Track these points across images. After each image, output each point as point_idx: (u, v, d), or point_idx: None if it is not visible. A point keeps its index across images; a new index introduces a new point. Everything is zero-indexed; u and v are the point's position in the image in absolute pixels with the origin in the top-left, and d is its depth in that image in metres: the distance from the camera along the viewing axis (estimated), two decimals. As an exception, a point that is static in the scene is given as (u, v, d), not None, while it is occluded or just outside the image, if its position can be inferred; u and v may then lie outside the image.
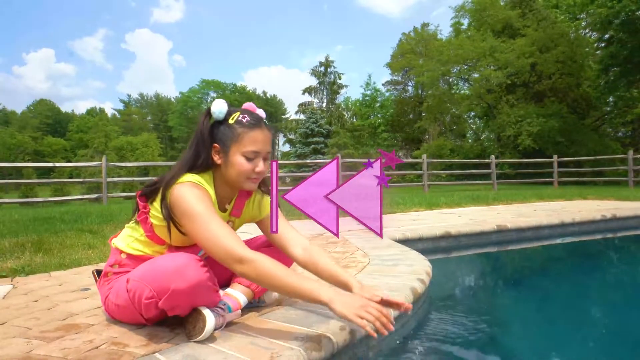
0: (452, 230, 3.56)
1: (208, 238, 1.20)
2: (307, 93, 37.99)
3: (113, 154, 32.86)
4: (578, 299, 2.33)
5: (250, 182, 1.33)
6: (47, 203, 9.59)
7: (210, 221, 1.20)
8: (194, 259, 1.18)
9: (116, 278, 1.36)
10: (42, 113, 59.76)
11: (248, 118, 1.30)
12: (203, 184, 1.29)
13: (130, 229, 1.40)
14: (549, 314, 2.02)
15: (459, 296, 2.40)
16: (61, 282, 2.00)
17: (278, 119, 66.45)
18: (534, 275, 2.97)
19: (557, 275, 2.98)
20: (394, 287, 1.71)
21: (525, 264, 3.37)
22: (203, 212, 1.21)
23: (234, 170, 1.29)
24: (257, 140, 1.29)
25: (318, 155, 26.49)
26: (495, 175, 14.11)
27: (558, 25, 21.07)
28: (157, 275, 1.15)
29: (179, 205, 1.23)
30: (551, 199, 7.36)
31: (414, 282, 1.78)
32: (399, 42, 34.77)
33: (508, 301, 2.31)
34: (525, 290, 2.53)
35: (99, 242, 3.06)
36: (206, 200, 1.25)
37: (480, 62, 22.26)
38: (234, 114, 1.30)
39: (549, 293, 2.47)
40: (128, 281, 1.22)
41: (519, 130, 19.22)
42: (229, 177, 1.32)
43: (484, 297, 2.39)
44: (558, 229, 4.10)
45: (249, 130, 1.29)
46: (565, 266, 3.32)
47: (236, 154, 1.28)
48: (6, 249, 2.73)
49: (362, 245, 2.83)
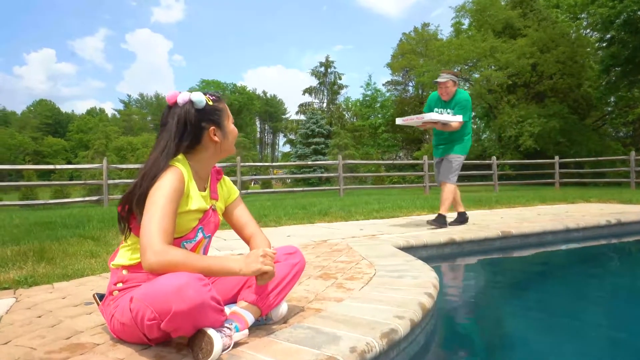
0: (456, 236, 3.54)
1: (144, 222, 1.24)
2: (307, 93, 38.01)
3: (113, 155, 32.87)
4: (591, 310, 2.31)
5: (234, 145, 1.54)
6: (47, 205, 9.58)
7: (157, 209, 1.25)
8: (195, 278, 1.15)
9: (121, 296, 1.34)
10: (42, 113, 59.81)
11: (215, 96, 1.47)
12: (181, 167, 1.36)
13: (126, 246, 1.40)
14: (560, 326, 1.99)
15: (467, 308, 2.38)
16: (65, 295, 1.98)
17: (278, 119, 66.46)
18: (541, 283, 2.94)
19: (566, 284, 2.93)
20: (401, 302, 1.69)
21: (532, 272, 3.33)
22: (160, 196, 1.27)
23: (232, 137, 1.49)
24: (227, 108, 1.51)
25: (319, 156, 26.49)
26: (497, 176, 14.11)
27: (559, 26, 21.05)
28: (158, 295, 1.13)
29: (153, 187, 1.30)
30: (553, 202, 7.34)
31: (421, 296, 1.76)
32: (400, 42, 34.73)
33: (518, 312, 2.28)
34: (534, 300, 2.51)
35: (102, 250, 3.05)
36: (176, 186, 1.31)
37: (480, 62, 22.23)
38: (205, 96, 1.44)
39: (560, 303, 2.43)
40: (131, 300, 1.21)
41: (520, 130, 19.19)
42: (225, 148, 1.47)
43: (492, 309, 2.36)
44: (562, 234, 4.08)
45: (223, 103, 1.49)
46: (574, 274, 3.29)
47: (229, 124, 1.48)
48: (8, 258, 2.72)
49: (366, 254, 2.81)
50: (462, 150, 4.33)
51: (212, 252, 3.12)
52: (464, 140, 4.33)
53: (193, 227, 1.41)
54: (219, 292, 1.46)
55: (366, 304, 1.69)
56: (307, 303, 1.75)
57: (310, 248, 3.20)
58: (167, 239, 1.23)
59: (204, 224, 1.45)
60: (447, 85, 4.24)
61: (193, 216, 1.41)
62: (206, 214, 1.46)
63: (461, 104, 4.20)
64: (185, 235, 1.39)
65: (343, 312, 1.58)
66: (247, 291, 1.43)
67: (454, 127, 4.17)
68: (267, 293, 1.42)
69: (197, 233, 1.42)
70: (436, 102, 4.40)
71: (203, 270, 1.23)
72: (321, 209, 6.25)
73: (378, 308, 1.62)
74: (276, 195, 12.76)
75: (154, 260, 1.18)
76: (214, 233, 1.54)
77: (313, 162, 12.86)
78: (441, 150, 4.45)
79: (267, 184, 18.48)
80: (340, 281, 2.12)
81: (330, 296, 1.84)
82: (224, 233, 3.99)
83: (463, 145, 4.33)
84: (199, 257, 1.28)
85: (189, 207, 1.37)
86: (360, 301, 1.73)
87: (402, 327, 1.42)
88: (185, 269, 1.19)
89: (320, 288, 1.99)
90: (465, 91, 4.41)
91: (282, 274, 1.46)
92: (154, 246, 1.19)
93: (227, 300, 1.49)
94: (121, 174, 12.34)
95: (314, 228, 4.55)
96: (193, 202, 1.39)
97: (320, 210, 5.97)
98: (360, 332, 1.35)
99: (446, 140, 4.37)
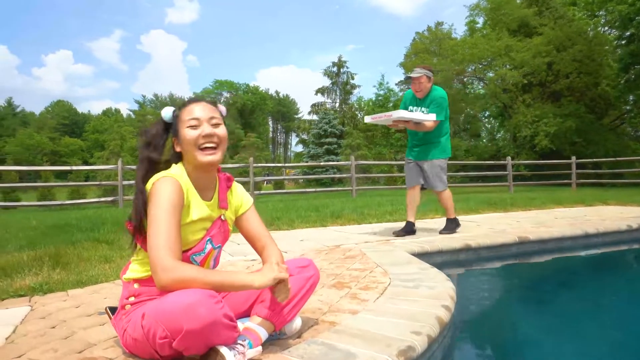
0: (472, 242, 3.47)
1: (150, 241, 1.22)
2: (320, 93, 37.94)
3: (128, 156, 33.25)
4: (619, 323, 2.23)
5: (204, 153, 1.35)
6: (64, 206, 9.72)
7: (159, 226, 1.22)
8: (207, 295, 1.13)
9: (134, 310, 1.33)
10: (59, 114, 60.88)
11: (182, 105, 1.40)
12: (176, 176, 1.33)
13: (137, 259, 1.39)
14: (585, 339, 1.93)
15: (485, 320, 2.32)
16: (78, 304, 1.99)
17: (291, 119, 66.56)
18: (563, 293, 2.85)
19: (589, 293, 2.83)
20: (418, 315, 1.65)
21: (552, 280, 3.24)
22: (160, 212, 1.24)
23: (186, 144, 1.35)
24: (193, 110, 1.37)
25: (331, 156, 26.44)
26: (512, 177, 13.90)
27: (576, 23, 20.63)
28: (169, 314, 1.11)
29: (151, 200, 1.28)
30: (571, 204, 7.19)
31: (438, 309, 1.71)
32: (413, 42, 34.39)
33: (539, 325, 2.21)
34: (556, 311, 2.43)
35: (115, 255, 3.06)
36: (173, 199, 1.27)
37: (495, 61, 21.92)
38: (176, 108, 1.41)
39: (584, 314, 2.35)
40: (143, 316, 1.19)
41: (536, 130, 18.87)
42: (189, 158, 1.37)
43: (511, 321, 2.30)
44: (581, 240, 3.98)
45: (184, 107, 1.39)
46: (596, 282, 3.18)
47: (183, 130, 1.36)
48: (25, 263, 2.74)
49: (380, 261, 2.77)
50: (443, 153, 3.99)
51: (224, 256, 3.11)
52: (440, 142, 3.97)
53: (200, 238, 1.39)
54: (231, 306, 1.44)
55: (381, 317, 1.65)
56: (321, 315, 1.72)
57: (323, 254, 3.17)
58: (175, 255, 1.21)
59: (213, 235, 1.42)
60: (420, 80, 3.89)
61: (198, 226, 1.38)
62: (214, 224, 1.43)
63: (437, 102, 3.85)
64: (193, 248, 1.37)
65: (358, 326, 1.55)
66: (260, 306, 1.41)
67: (428, 127, 3.83)
68: (281, 308, 1.40)
69: (205, 245, 1.40)
70: (411, 100, 4.06)
71: (216, 284, 1.21)
72: (334, 210, 6.21)
73: (394, 322, 1.58)
74: (289, 195, 12.75)
75: (166, 279, 1.16)
76: (225, 243, 1.52)
77: (326, 163, 12.84)
78: (416, 152, 4.06)
79: (280, 184, 18.51)
80: (355, 291, 2.08)
81: (345, 308, 1.81)
82: (238, 237, 3.98)
83: (442, 148, 3.99)
84: (211, 272, 1.26)
85: (190, 218, 1.35)
86: (375, 314, 1.70)
87: (420, 344, 1.38)
88: (198, 285, 1.17)
89: (334, 298, 1.96)
90: (441, 88, 4.07)
91: (296, 288, 1.43)
92: (163, 264, 1.17)
93: (239, 314, 1.47)
94: (136, 175, 12.44)
95: (327, 232, 4.52)
96: (194, 212, 1.36)
97: (332, 213, 5.93)
98: (376, 349, 1.31)
99: (421, 141, 4.01)
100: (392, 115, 3.73)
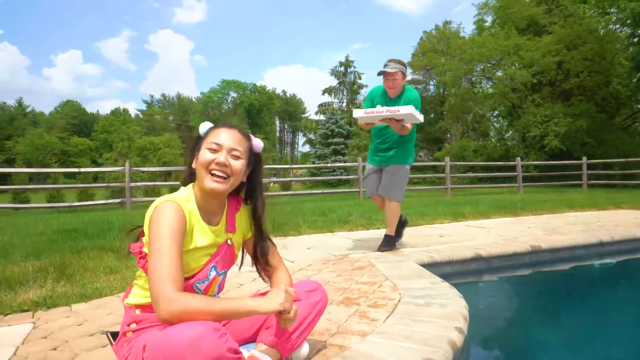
0: (483, 252, 3.40)
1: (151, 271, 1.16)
2: (327, 93, 37.88)
3: (135, 156, 33.48)
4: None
5: (212, 179, 1.30)
6: (72, 207, 9.77)
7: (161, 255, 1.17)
8: (210, 329, 1.07)
9: (135, 337, 1.28)
10: (68, 114, 61.38)
11: (219, 122, 1.39)
12: (180, 200, 1.28)
13: (138, 284, 1.34)
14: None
15: (499, 338, 2.24)
16: (81, 321, 1.95)
17: (297, 118, 66.57)
18: (583, 306, 2.76)
19: (610, 306, 2.75)
20: (430, 339, 1.58)
21: (570, 292, 3.14)
22: (162, 240, 1.19)
23: (199, 165, 1.32)
24: (220, 134, 1.33)
25: (338, 156, 26.38)
26: (521, 178, 13.74)
27: (586, 21, 20.34)
28: (172, 349, 1.05)
29: (152, 225, 1.23)
30: (582, 208, 7.07)
31: (451, 332, 1.65)
32: (420, 41, 34.31)
33: (560, 344, 2.13)
34: (575, 326, 2.36)
35: (121, 265, 3.02)
36: (175, 226, 1.22)
37: (504, 60, 21.71)
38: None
39: (610, 332, 2.27)
40: (144, 349, 1.14)
41: (546, 130, 18.65)
42: (199, 179, 1.33)
43: (529, 340, 2.22)
44: (595, 248, 3.88)
45: (214, 128, 1.36)
46: (617, 294, 3.09)
47: (202, 150, 1.33)
48: (29, 274, 2.71)
49: (389, 273, 2.71)
50: (409, 158, 3.58)
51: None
52: (407, 147, 3.55)
53: (204, 264, 1.33)
54: (236, 332, 1.40)
55: (392, 340, 1.59)
56: (330, 337, 1.67)
57: (330, 264, 3.12)
58: (177, 285, 1.15)
59: (217, 261, 1.36)
60: (395, 77, 3.38)
61: (202, 252, 1.33)
62: (219, 249, 1.38)
63: (414, 104, 3.29)
64: (196, 275, 1.31)
65: (368, 352, 1.49)
66: (266, 332, 1.35)
67: (408, 130, 3.33)
68: (288, 335, 1.34)
69: (209, 271, 1.34)
70: (382, 98, 3.51)
71: (221, 313, 1.16)
72: (341, 215, 6.15)
73: (405, 347, 1.52)
74: (295, 197, 12.71)
75: (167, 312, 1.11)
76: (230, 268, 1.46)
77: (333, 164, 12.77)
78: (380, 158, 3.59)
79: (287, 185, 18.48)
80: (364, 309, 2.02)
81: (354, 329, 1.75)
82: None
83: (408, 153, 3.57)
84: (215, 301, 1.20)
85: (193, 245, 1.30)
86: (385, 337, 1.64)
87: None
88: (202, 316, 1.12)
89: (342, 317, 1.90)
90: (414, 89, 3.64)
91: (304, 314, 1.38)
92: (165, 296, 1.12)
93: (244, 340, 1.42)
94: (143, 176, 12.51)
95: (335, 238, 4.46)
96: (198, 239, 1.31)
97: (340, 218, 5.87)
98: (387, 381, 1.25)
99: (390, 147, 3.53)
100: (400, 110, 3.08)
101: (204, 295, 1.33)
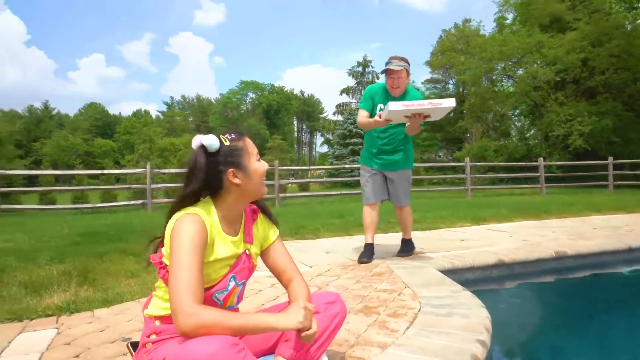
0: (506, 257, 3.32)
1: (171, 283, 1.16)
2: (344, 94, 37.81)
3: (157, 158, 34.03)
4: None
5: (264, 185, 1.39)
6: (95, 209, 10.01)
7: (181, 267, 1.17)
8: (228, 345, 1.07)
9: (154, 349, 1.29)
10: (92, 116, 62.98)
11: (234, 134, 1.35)
12: (201, 213, 1.28)
13: (158, 295, 1.35)
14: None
15: (522, 348, 2.19)
16: (103, 327, 1.98)
17: (315, 119, 66.66)
18: (609, 316, 2.67)
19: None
20: (451, 353, 1.55)
21: (595, 300, 3.04)
22: (183, 253, 1.19)
23: (256, 177, 1.34)
24: (251, 144, 1.37)
25: (356, 156, 26.26)
26: (544, 179, 13.42)
27: (613, 17, 19.71)
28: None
29: (173, 239, 1.22)
30: (609, 211, 6.85)
31: (473, 345, 1.61)
32: (439, 39, 33.90)
33: (585, 356, 2.07)
34: (603, 338, 2.28)
35: (142, 270, 3.07)
36: (196, 238, 1.22)
37: (526, 58, 21.24)
38: (222, 137, 1.33)
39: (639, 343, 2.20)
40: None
41: (569, 129, 18.17)
42: (250, 190, 1.34)
43: (552, 351, 2.16)
44: (624, 254, 3.75)
45: (244, 139, 1.36)
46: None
47: (252, 163, 1.33)
48: (54, 278, 2.78)
49: (409, 281, 2.67)
50: (411, 162, 3.52)
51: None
52: (410, 150, 3.47)
53: (223, 275, 1.34)
54: (254, 344, 1.39)
55: (412, 354, 1.56)
56: (348, 348, 1.65)
57: (349, 269, 3.09)
58: (197, 298, 1.15)
59: (237, 271, 1.37)
60: (400, 75, 3.20)
61: (222, 264, 1.33)
62: (238, 260, 1.38)
63: None
64: (216, 285, 1.32)
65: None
66: (284, 345, 1.34)
67: (419, 130, 3.20)
68: (307, 348, 1.33)
69: (229, 282, 1.34)
70: (382, 97, 3.31)
71: (240, 328, 1.15)
72: (359, 218, 6.09)
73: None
74: (314, 198, 12.71)
75: (187, 325, 1.11)
76: (249, 278, 1.46)
77: (351, 165, 12.72)
78: (383, 162, 3.41)
79: (305, 186, 18.51)
80: (383, 318, 2.00)
81: (373, 340, 1.72)
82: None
83: (411, 157, 3.50)
84: (234, 316, 1.19)
85: (214, 257, 1.30)
86: (405, 349, 1.61)
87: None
88: (220, 330, 1.12)
89: (361, 327, 1.88)
90: (415, 88, 3.50)
91: (323, 327, 1.36)
92: (184, 310, 1.12)
93: (261, 352, 1.41)
94: (164, 178, 12.70)
95: (353, 241, 4.44)
96: (219, 251, 1.31)
97: (357, 221, 5.82)
98: (408, 398, 1.23)
99: (395, 149, 3.38)
100: (442, 103, 2.76)
101: (222, 307, 1.34)
